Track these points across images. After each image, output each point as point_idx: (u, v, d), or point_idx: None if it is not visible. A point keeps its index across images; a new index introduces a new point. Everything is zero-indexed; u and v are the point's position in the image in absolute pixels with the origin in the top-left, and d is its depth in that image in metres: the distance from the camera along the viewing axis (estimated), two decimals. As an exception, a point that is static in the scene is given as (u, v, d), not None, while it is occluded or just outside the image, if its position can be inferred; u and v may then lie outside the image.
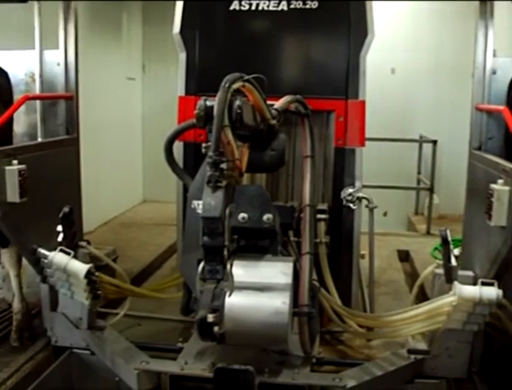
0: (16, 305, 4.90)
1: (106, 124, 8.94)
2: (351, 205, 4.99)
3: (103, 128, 8.77)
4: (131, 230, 8.64)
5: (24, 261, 4.81)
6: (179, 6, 5.20)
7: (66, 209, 4.06)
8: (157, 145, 10.14)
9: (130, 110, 10.30)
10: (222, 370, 3.70)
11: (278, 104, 4.20)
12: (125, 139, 10.04)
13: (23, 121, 5.16)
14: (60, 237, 4.18)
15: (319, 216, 4.83)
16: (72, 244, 4.19)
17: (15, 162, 4.16)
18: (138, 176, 10.78)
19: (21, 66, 5.18)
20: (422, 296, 4.97)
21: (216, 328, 3.44)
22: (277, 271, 3.78)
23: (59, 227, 4.14)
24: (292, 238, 4.66)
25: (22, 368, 4.43)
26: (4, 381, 4.22)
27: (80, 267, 4.13)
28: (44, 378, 4.37)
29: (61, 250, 4.17)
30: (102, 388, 4.56)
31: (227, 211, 3.11)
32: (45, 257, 4.13)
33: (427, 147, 9.43)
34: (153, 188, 10.75)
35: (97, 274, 4.24)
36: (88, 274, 4.12)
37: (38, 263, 4.19)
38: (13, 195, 4.12)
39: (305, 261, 4.11)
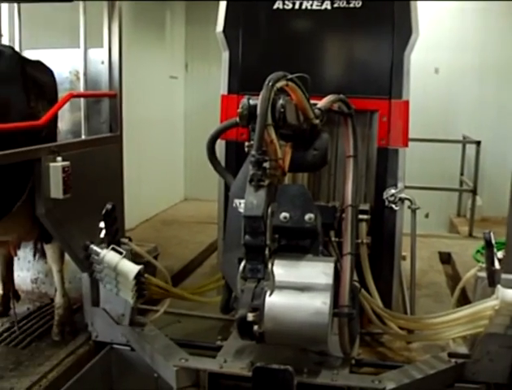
0: (58, 299, 4.98)
1: (149, 122, 8.99)
2: (393, 205, 4.93)
3: (146, 126, 8.82)
4: (172, 227, 8.67)
5: (67, 256, 4.87)
6: (222, 5, 5.21)
7: (108, 206, 4.08)
8: (198, 143, 10.18)
9: (172, 109, 10.35)
10: (261, 370, 3.69)
11: (321, 103, 4.16)
12: (167, 137, 10.09)
13: (67, 118, 5.21)
14: (102, 234, 4.21)
15: (361, 216, 4.78)
16: (114, 240, 4.21)
17: (59, 158, 4.22)
18: (180, 174, 10.83)
19: (66, 64, 5.22)
20: (463, 300, 4.89)
21: (256, 327, 3.42)
22: (318, 271, 3.75)
23: (102, 224, 4.17)
24: (333, 238, 4.63)
25: (63, 362, 4.48)
26: (45, 374, 4.28)
27: (130, 268, 4.14)
28: (84, 372, 4.43)
29: (113, 249, 4.19)
30: (141, 384, 4.59)
31: (270, 210, 3.09)
32: (97, 254, 4.16)
33: (471, 148, 9.28)
34: (194, 186, 10.80)
35: (145, 275, 4.28)
36: (138, 275, 4.15)
37: (88, 258, 4.21)
38: (57, 191, 4.17)
39: (347, 261, 4.07)
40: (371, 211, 4.96)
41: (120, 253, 4.18)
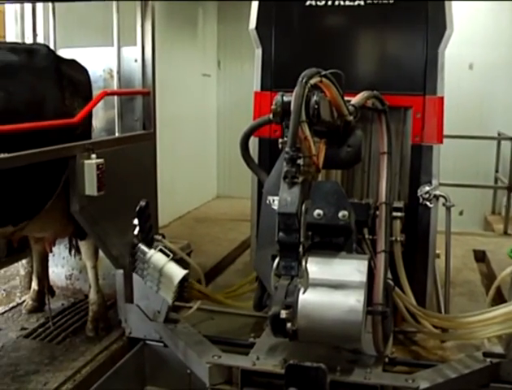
0: (92, 296, 5.02)
1: (182, 120, 9.02)
2: (428, 203, 4.87)
3: (179, 124, 8.85)
4: (204, 225, 8.69)
5: (101, 253, 4.91)
6: (255, 2, 5.20)
7: (142, 203, 4.10)
8: (231, 140, 10.23)
9: (205, 106, 10.37)
10: (293, 367, 3.67)
11: (355, 100, 4.14)
12: (200, 135, 10.11)
13: (101, 116, 5.25)
14: (136, 230, 4.23)
15: (395, 214, 4.73)
16: (148, 237, 4.23)
17: (93, 156, 4.25)
18: (212, 172, 10.85)
19: (100, 62, 5.26)
20: (499, 298, 4.81)
21: (289, 325, 3.42)
22: (352, 269, 3.73)
23: (135, 221, 4.19)
24: (367, 236, 4.59)
25: (96, 358, 4.52)
26: (79, 369, 4.33)
27: (176, 272, 4.15)
28: (117, 368, 4.45)
29: (160, 250, 4.20)
30: (174, 381, 4.60)
31: (304, 207, 3.08)
32: (144, 253, 4.17)
33: (506, 144, 9.15)
34: (227, 183, 10.82)
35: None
36: (183, 280, 4.17)
37: (133, 255, 4.22)
38: (91, 188, 4.20)
39: (381, 259, 4.04)
40: (405, 209, 4.91)
41: (168, 255, 4.19)
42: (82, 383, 4.22)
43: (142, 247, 4.15)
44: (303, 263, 3.14)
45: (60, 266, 5.85)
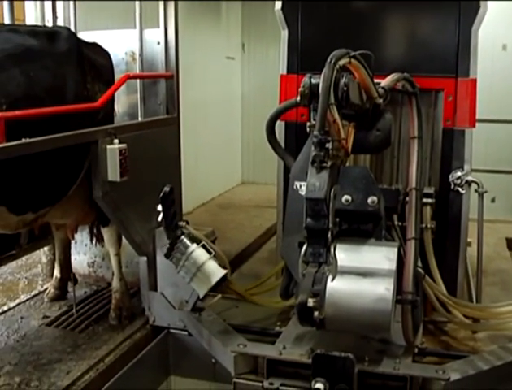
0: (115, 283, 5.05)
1: (206, 104, 9.02)
2: (460, 189, 4.83)
3: (202, 108, 8.85)
4: (229, 211, 8.72)
5: (124, 240, 4.94)
6: (281, -18, 5.17)
7: (166, 188, 4.11)
8: (256, 125, 10.15)
9: (229, 90, 10.35)
10: (321, 357, 3.68)
11: (384, 82, 4.10)
12: (224, 119, 10.11)
13: (123, 100, 5.26)
14: (160, 217, 4.24)
15: (425, 200, 4.71)
16: (172, 224, 4.25)
17: (115, 141, 4.26)
18: (237, 157, 10.84)
19: (122, 45, 5.26)
20: (532, 288, 4.79)
21: (316, 313, 3.41)
22: (381, 256, 3.72)
23: (159, 207, 4.21)
24: (396, 222, 4.56)
25: (120, 346, 4.57)
26: (102, 358, 4.38)
27: (215, 271, 4.17)
28: (141, 357, 4.51)
29: (203, 246, 4.22)
30: (198, 370, 4.64)
31: (332, 192, 3.06)
32: (186, 246, 4.18)
33: (541, 129, 9.02)
34: (251, 169, 10.81)
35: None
36: (221, 280, 4.20)
37: (172, 245, 4.24)
38: (114, 174, 4.22)
39: (411, 246, 4.03)
40: (436, 195, 4.87)
41: (210, 252, 4.21)
42: (105, 371, 4.27)
43: (185, 240, 4.17)
44: (332, 250, 3.13)
45: (82, 253, 5.90)
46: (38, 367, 4.24)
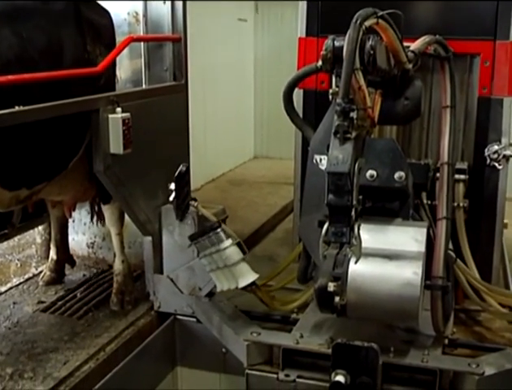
0: (117, 266, 5.08)
1: (215, 70, 9.01)
2: (496, 164, 4.81)
3: (211, 75, 8.84)
4: (240, 188, 8.74)
5: (126, 218, 4.96)
6: None
7: (183, 168, 4.14)
8: (270, 93, 10.15)
9: (241, 55, 10.32)
10: (341, 347, 3.70)
11: (415, 45, 4.08)
12: (235, 87, 10.09)
13: (126, 66, 5.25)
14: (172, 196, 4.26)
15: (458, 176, 4.69)
16: (184, 204, 4.28)
17: (118, 109, 4.25)
18: (249, 129, 10.84)
19: (124, 4, 5.22)
20: None
21: (337, 299, 3.44)
22: (408, 237, 3.73)
23: (172, 186, 4.22)
24: (425, 201, 4.57)
25: (122, 334, 4.60)
26: (103, 347, 4.40)
27: (246, 275, 4.25)
28: (145, 345, 4.55)
29: (238, 244, 4.27)
30: (207, 360, 4.69)
31: (357, 166, 3.06)
32: (221, 240, 4.22)
33: None
34: (265, 142, 10.81)
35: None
36: (249, 285, 4.27)
37: (203, 234, 4.28)
38: (116, 146, 4.22)
39: (441, 227, 4.03)
40: (470, 171, 4.86)
41: (244, 251, 4.26)
42: (106, 361, 4.30)
43: (221, 234, 4.22)
44: (355, 229, 3.13)
45: (81, 233, 5.94)
46: (32, 357, 4.27)
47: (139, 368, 4.46)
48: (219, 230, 4.22)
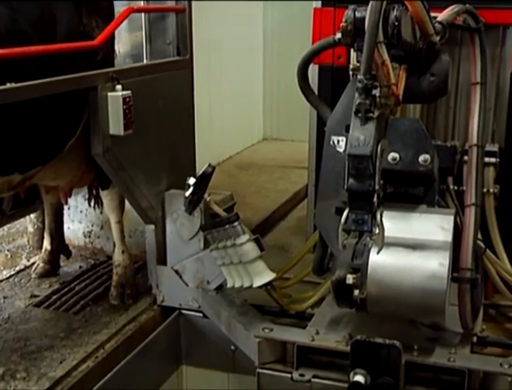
0: (117, 256, 5.10)
1: (221, 44, 9.00)
2: (530, 146, 4.82)
3: (217, 49, 8.83)
4: (249, 173, 8.76)
5: (127, 205, 4.98)
6: None
7: (209, 168, 4.16)
8: (281, 70, 10.11)
9: (249, 27, 10.30)
10: (361, 344, 3.71)
11: (442, 16, 4.04)
12: (243, 62, 10.07)
13: (125, 39, 5.24)
14: (188, 192, 4.26)
15: (488, 160, 4.66)
16: (198, 202, 4.31)
17: (118, 87, 4.25)
18: (258, 109, 10.83)
19: (122, -29, 5.24)
20: None
21: (356, 292, 3.45)
22: (434, 226, 3.73)
23: (191, 181, 4.23)
24: (451, 186, 4.56)
25: (122, 330, 4.62)
26: (102, 344, 4.43)
27: (262, 274, 4.25)
28: (148, 342, 4.57)
29: (256, 240, 4.28)
30: (215, 358, 4.71)
31: (379, 148, 3.06)
32: (238, 234, 4.23)
33: None
34: (275, 123, 10.80)
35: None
36: (265, 284, 4.28)
37: (216, 225, 4.29)
38: (117, 127, 4.22)
39: (470, 214, 4.02)
40: (501, 154, 4.86)
41: (261, 248, 4.27)
42: (105, 360, 4.32)
43: (239, 228, 4.24)
44: (378, 216, 3.14)
45: (77, 221, 5.96)
46: (25, 356, 4.28)
47: (141, 367, 4.49)
48: (236, 223, 4.23)
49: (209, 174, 4.21)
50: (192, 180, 4.24)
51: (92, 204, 5.44)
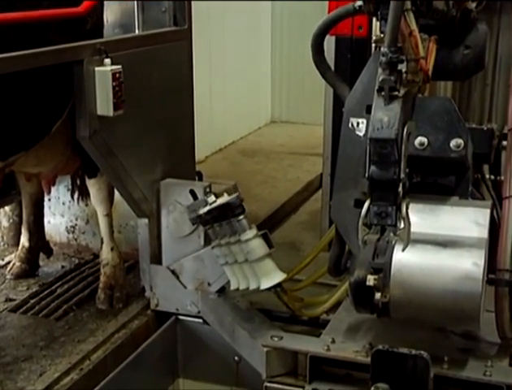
0: (105, 254, 5.12)
1: (224, 13, 9.00)
2: None
3: (219, 19, 8.83)
4: (255, 160, 8.79)
5: (117, 195, 5.01)
6: None
7: (237, 200, 4.20)
8: (292, 43, 10.11)
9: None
10: (383, 354, 3.70)
11: (478, -20, 4.07)
12: (249, 34, 10.09)
13: (115, 7, 5.24)
14: (203, 210, 4.26)
15: (529, 146, 4.69)
16: (207, 222, 4.34)
17: (107, 60, 4.25)
18: (265, 88, 10.86)
19: None
20: None
21: (378, 295, 3.45)
22: (467, 221, 3.73)
23: (212, 198, 4.26)
24: (487, 175, 4.56)
25: (111, 339, 4.65)
26: (88, 355, 4.44)
27: (271, 274, 4.25)
28: (140, 352, 4.58)
29: (264, 236, 4.28)
30: (216, 369, 4.72)
31: (405, 131, 3.07)
32: (244, 229, 4.24)
33: None
34: (285, 104, 10.83)
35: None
36: (274, 286, 4.28)
37: (217, 218, 4.30)
38: (105, 106, 4.22)
39: (508, 208, 4.00)
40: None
41: (270, 245, 4.27)
42: (91, 372, 4.33)
43: (245, 222, 4.24)
44: (403, 209, 3.15)
45: (59, 214, 5.98)
46: (0, 367, 4.30)
47: (132, 380, 4.48)
48: (242, 217, 4.24)
49: (235, 206, 4.22)
50: (212, 198, 4.29)
51: (75, 196, 5.45)
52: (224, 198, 4.31)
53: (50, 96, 4.35)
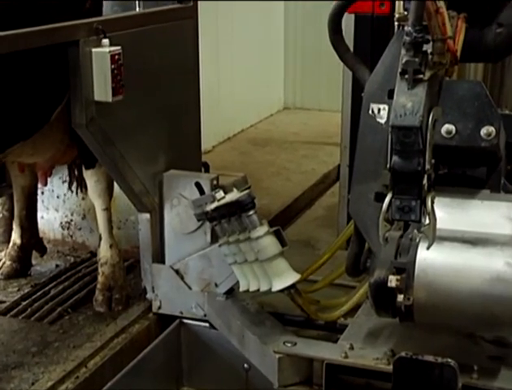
0: (103, 252, 5.11)
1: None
2: None
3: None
4: (266, 150, 8.80)
5: (116, 188, 5.00)
6: None
7: (248, 198, 4.18)
8: (306, 22, 10.12)
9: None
10: (406, 362, 3.68)
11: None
12: (260, 14, 10.09)
13: (114, -17, 5.26)
14: (211, 206, 4.25)
15: None
16: (213, 220, 4.33)
17: (105, 41, 4.25)
18: (278, 72, 10.87)
19: None
20: None
21: (400, 298, 3.43)
22: (499, 216, 3.72)
23: (220, 194, 4.25)
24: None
25: (109, 344, 4.64)
26: (84, 361, 4.43)
27: (284, 275, 4.24)
28: (141, 359, 4.57)
29: (277, 233, 4.28)
30: (224, 377, 4.70)
31: (431, 118, 3.06)
32: (254, 225, 4.24)
33: None
34: (299, 89, 10.82)
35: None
36: (287, 288, 4.27)
37: (231, 215, 4.28)
38: (103, 91, 4.23)
39: (545, 204, 4.01)
40: None
41: (283, 243, 4.27)
42: (88, 380, 4.32)
43: (255, 217, 4.24)
44: (428, 203, 3.14)
45: (53, 209, 5.99)
46: (-10, 375, 4.32)
47: (133, 389, 4.49)
48: (252, 212, 4.23)
49: (245, 203, 4.21)
50: (220, 194, 4.27)
51: (73, 188, 5.44)
52: (234, 194, 4.31)
53: (49, 81, 4.35)
